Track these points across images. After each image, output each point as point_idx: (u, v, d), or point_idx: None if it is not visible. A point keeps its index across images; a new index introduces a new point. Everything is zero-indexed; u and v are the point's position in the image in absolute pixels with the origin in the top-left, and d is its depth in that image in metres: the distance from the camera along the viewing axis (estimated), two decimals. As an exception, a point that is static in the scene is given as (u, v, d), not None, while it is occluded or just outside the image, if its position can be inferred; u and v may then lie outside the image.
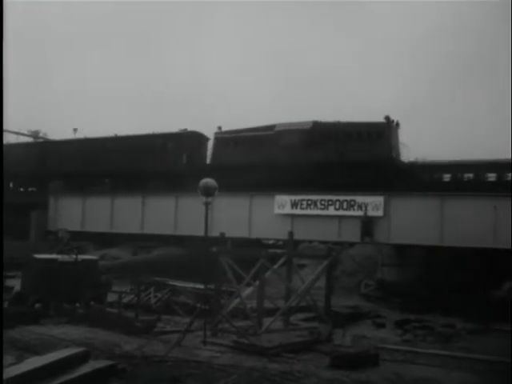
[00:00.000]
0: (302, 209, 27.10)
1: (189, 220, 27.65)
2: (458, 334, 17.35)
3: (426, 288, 22.71)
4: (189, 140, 34.84)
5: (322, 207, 26.66)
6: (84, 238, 32.13)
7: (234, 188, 27.67)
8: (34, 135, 50.23)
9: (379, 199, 25.43)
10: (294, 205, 27.28)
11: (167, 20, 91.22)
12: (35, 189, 40.86)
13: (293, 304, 16.62)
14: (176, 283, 20.94)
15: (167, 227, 30.23)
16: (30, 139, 48.94)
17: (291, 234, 18.37)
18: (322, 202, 26.68)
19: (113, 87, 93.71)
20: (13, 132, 45.42)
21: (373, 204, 25.46)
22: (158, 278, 21.00)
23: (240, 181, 29.24)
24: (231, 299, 16.62)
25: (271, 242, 30.90)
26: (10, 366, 9.83)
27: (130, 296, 19.44)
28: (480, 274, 22.20)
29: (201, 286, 17.90)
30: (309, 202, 26.96)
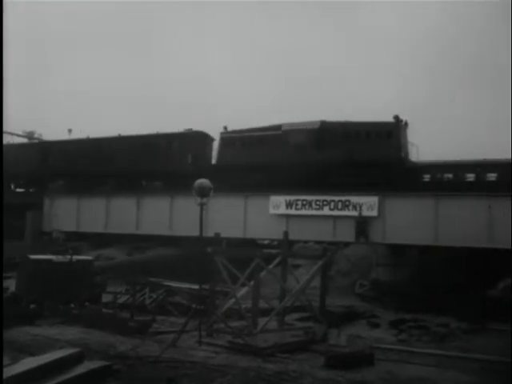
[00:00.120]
0: (296, 209, 27.09)
1: (184, 220, 27.60)
2: (452, 333, 17.44)
3: (421, 288, 22.77)
4: (194, 140, 34.33)
5: (317, 207, 26.65)
6: (79, 238, 32.06)
7: (241, 189, 27.70)
8: (29, 136, 49.87)
9: (374, 199, 25.43)
10: (288, 205, 27.26)
11: (169, 20, 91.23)
12: (35, 189, 40.52)
13: (288, 304, 16.66)
14: (171, 284, 20.93)
15: (163, 227, 30.17)
16: (25, 140, 48.63)
17: (286, 234, 18.41)
18: (317, 202, 26.67)
19: (115, 87, 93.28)
20: (7, 133, 45.08)
21: (367, 204, 25.47)
22: (153, 279, 20.98)
23: (246, 181, 29.18)
24: (226, 299, 16.64)
25: (266, 242, 30.86)
26: (5, 366, 9.80)
27: (125, 296, 19.42)
28: (474, 273, 22.29)
29: (196, 287, 17.92)
30: (304, 202, 26.95)
